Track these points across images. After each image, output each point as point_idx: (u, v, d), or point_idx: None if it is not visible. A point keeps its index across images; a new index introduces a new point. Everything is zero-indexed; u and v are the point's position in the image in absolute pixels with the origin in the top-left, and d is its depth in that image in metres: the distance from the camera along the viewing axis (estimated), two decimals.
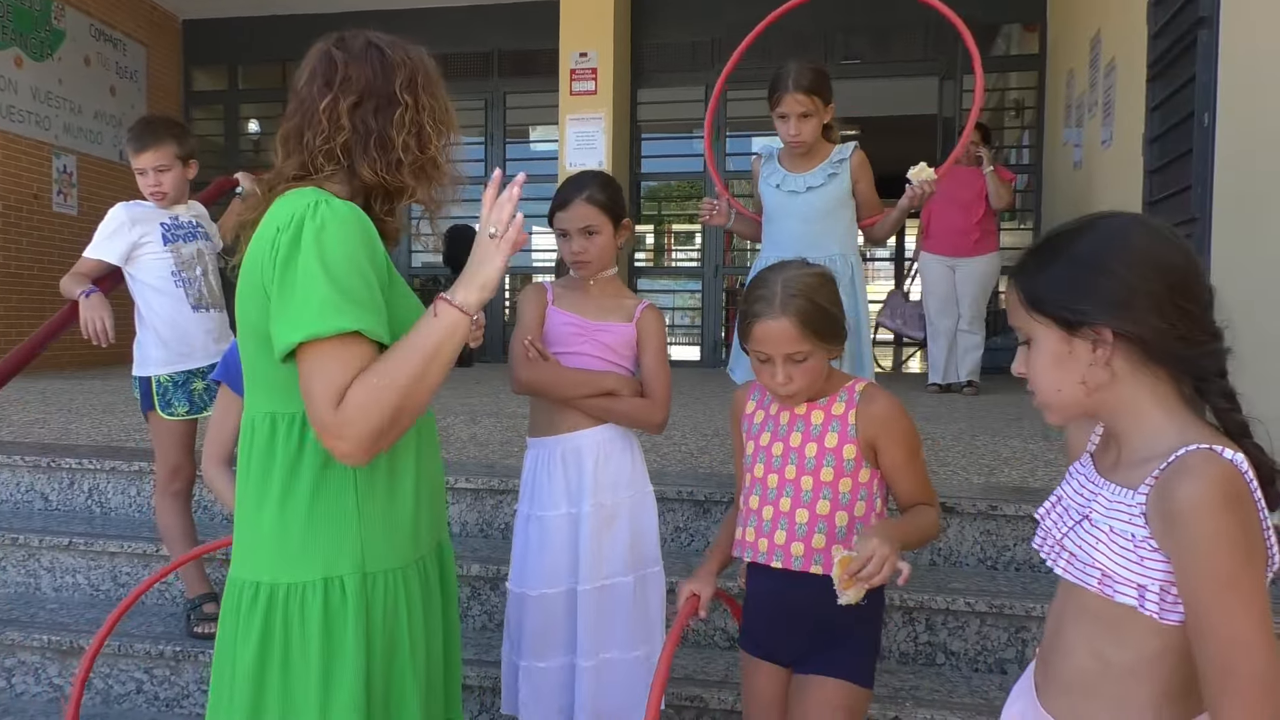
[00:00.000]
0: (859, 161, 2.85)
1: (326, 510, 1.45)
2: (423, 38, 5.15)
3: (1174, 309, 1.13)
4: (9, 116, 7.20)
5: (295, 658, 1.42)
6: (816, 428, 1.83)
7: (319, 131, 1.47)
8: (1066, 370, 1.19)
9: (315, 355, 1.35)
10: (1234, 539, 1.06)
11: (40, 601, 3.26)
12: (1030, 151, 8.24)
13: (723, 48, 8.32)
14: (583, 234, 2.26)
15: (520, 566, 2.31)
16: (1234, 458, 1.09)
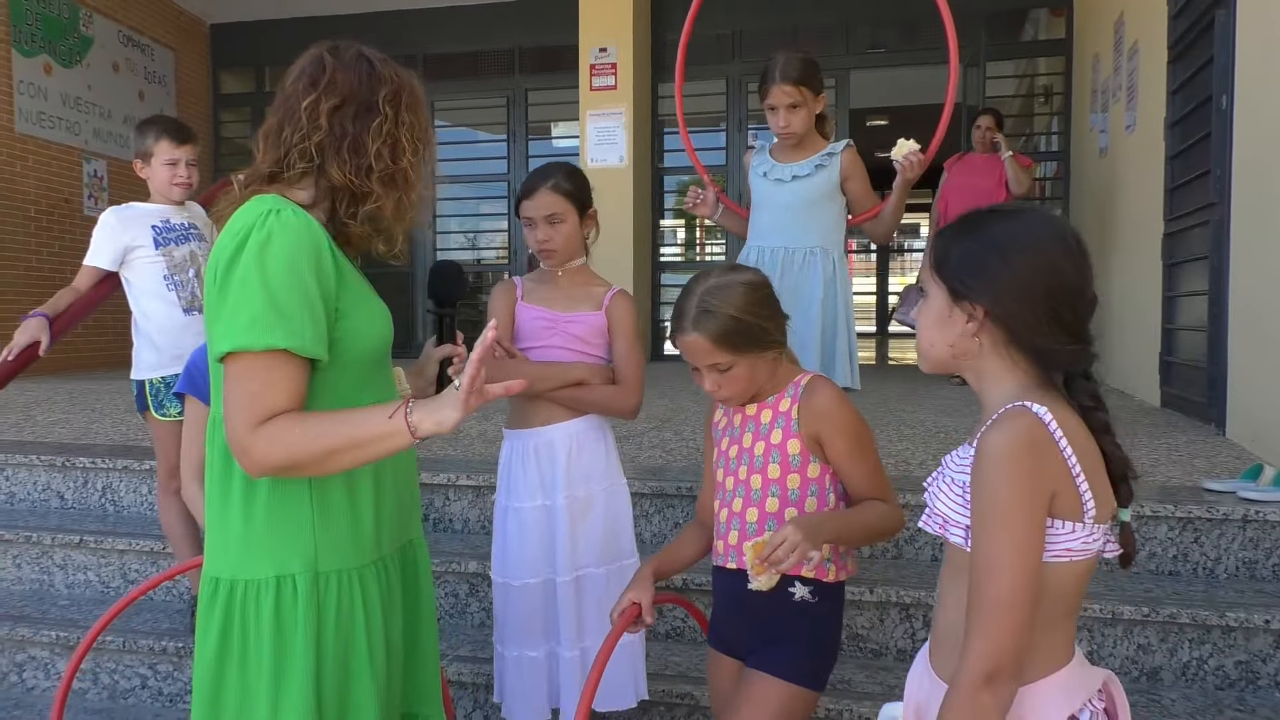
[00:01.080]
0: (850, 159, 2.80)
1: (282, 511, 1.47)
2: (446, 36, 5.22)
3: (1047, 311, 1.23)
4: (40, 123, 7.35)
5: (250, 652, 1.45)
6: (765, 426, 1.82)
7: (297, 128, 1.48)
8: (942, 331, 1.31)
9: (240, 367, 1.37)
10: (1011, 479, 1.17)
11: (53, 598, 3.32)
12: (1058, 138, 8.10)
13: (744, 40, 8.28)
14: (547, 222, 2.26)
15: (501, 557, 2.33)
16: (1039, 410, 1.20)
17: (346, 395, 1.50)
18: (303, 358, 1.39)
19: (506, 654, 2.31)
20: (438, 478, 3.33)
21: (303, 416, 1.38)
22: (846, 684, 2.58)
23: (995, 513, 1.17)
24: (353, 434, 1.38)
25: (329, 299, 1.43)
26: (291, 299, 1.37)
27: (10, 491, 3.78)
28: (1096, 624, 2.59)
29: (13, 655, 3.06)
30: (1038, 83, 8.93)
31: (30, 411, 5.08)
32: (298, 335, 1.37)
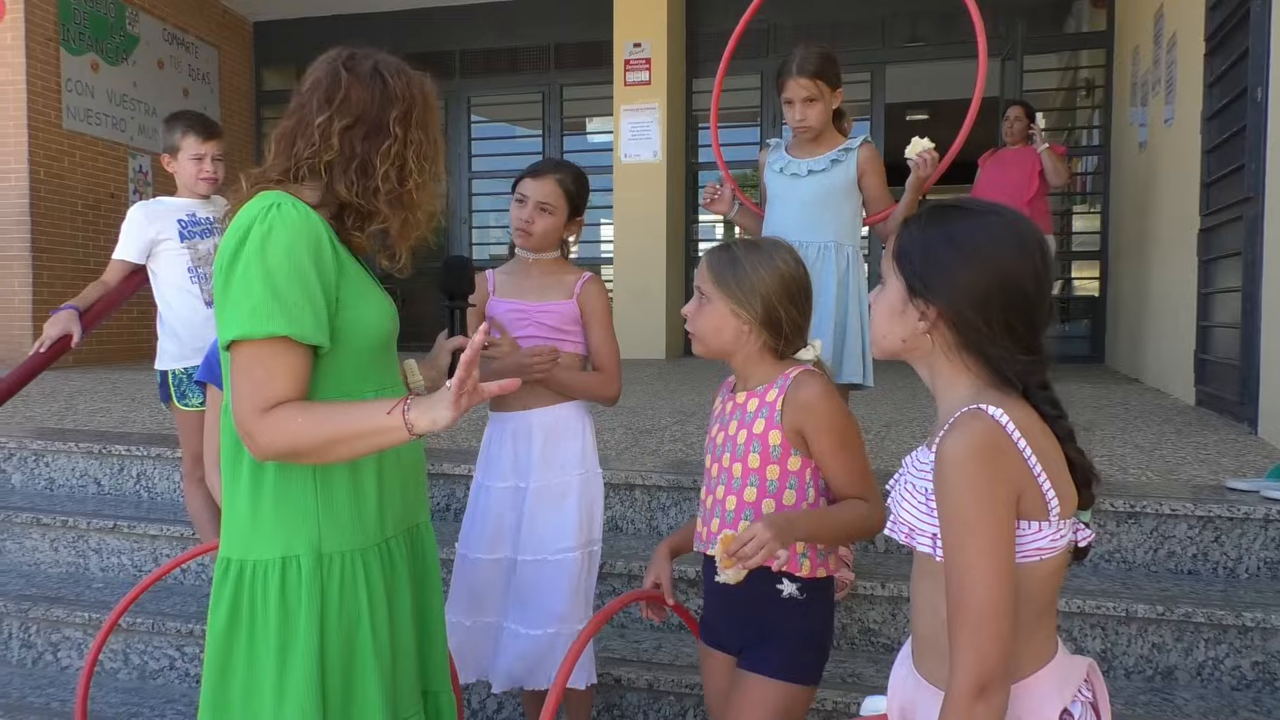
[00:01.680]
0: (867, 154, 2.79)
1: (287, 494, 1.52)
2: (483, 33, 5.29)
3: (999, 320, 1.22)
4: (87, 119, 7.54)
5: (258, 629, 1.51)
6: (750, 415, 1.81)
7: (309, 143, 1.53)
8: (896, 323, 1.30)
9: (244, 355, 1.43)
10: (974, 484, 1.15)
11: (88, 580, 3.42)
12: (1099, 132, 7.97)
13: (780, 34, 8.25)
14: (538, 207, 2.31)
15: (468, 531, 2.40)
16: (995, 413, 1.18)
17: (348, 383, 1.54)
18: (304, 345, 1.44)
19: (453, 621, 2.32)
20: (459, 469, 3.38)
21: (305, 406, 1.43)
22: (856, 677, 2.58)
23: (962, 521, 1.16)
24: (352, 426, 1.43)
25: (329, 289, 1.48)
26: (292, 288, 1.42)
27: (50, 478, 3.90)
28: (1110, 621, 2.57)
29: (48, 635, 3.16)
30: (1079, 75, 8.81)
31: (72, 400, 5.23)
32: (298, 323, 1.42)
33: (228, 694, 1.51)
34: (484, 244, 9.54)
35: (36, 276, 7.06)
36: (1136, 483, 3.10)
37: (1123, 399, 5.26)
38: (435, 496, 3.44)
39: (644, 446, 3.77)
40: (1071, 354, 8.04)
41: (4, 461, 3.97)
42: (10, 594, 3.25)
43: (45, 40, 7.16)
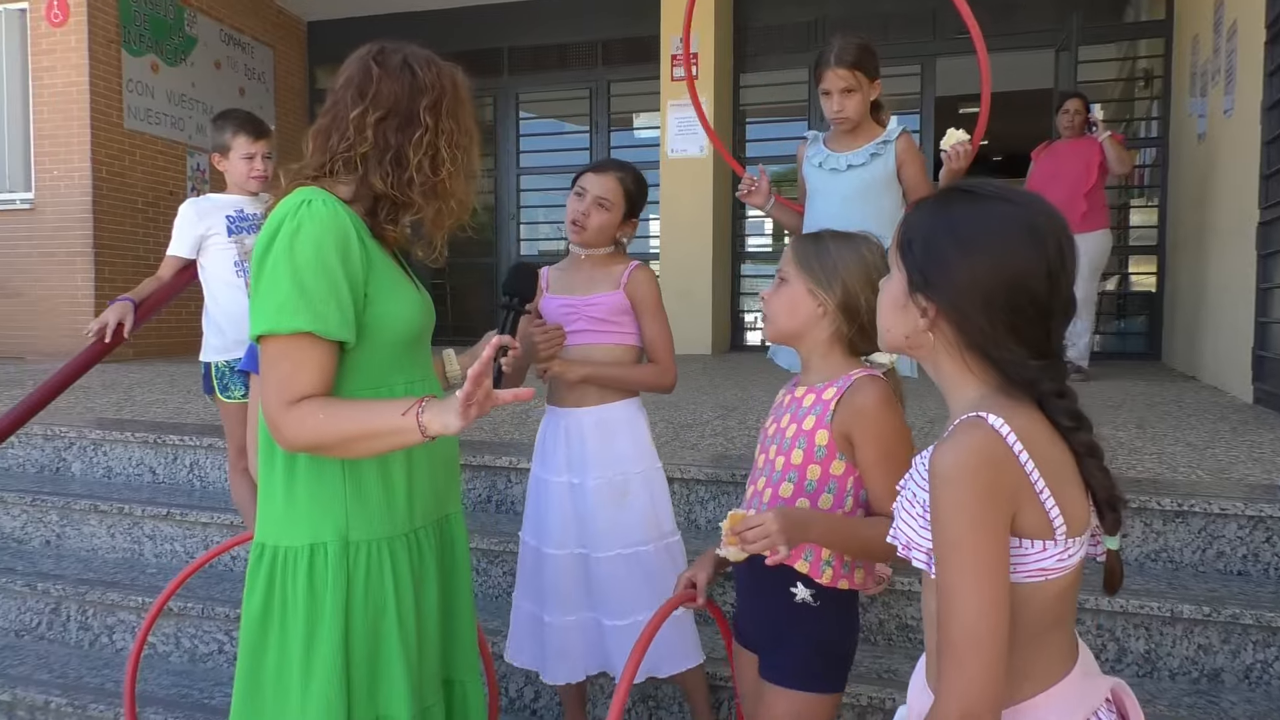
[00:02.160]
0: (905, 144, 2.77)
1: (317, 483, 1.56)
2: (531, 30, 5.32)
3: (1004, 321, 1.12)
4: (147, 119, 7.73)
5: (289, 614, 1.55)
6: (803, 410, 1.76)
7: (344, 137, 1.57)
8: (898, 318, 1.23)
9: (271, 349, 1.48)
10: (965, 503, 1.08)
11: (142, 566, 3.52)
12: (1158, 124, 7.79)
13: (828, 27, 8.19)
14: (596, 202, 2.32)
15: (535, 522, 2.42)
16: (995, 422, 1.10)
17: (378, 376, 1.57)
18: (330, 340, 1.48)
19: (553, 619, 2.37)
20: (500, 460, 3.42)
21: (327, 402, 1.47)
22: (893, 674, 2.57)
23: (950, 541, 1.09)
24: (368, 425, 1.46)
25: (356, 285, 1.51)
26: (318, 284, 1.45)
27: (108, 466, 4.02)
28: (1155, 622, 2.53)
29: (104, 618, 3.26)
30: (1138, 65, 8.61)
31: (131, 392, 5.38)
32: (322, 319, 1.45)
33: (261, 677, 1.55)
34: (532, 240, 9.61)
35: (99, 272, 7.26)
36: (1186, 481, 3.04)
37: (1177, 396, 5.15)
38: (476, 488, 3.48)
39: (684, 440, 3.78)
40: (1127, 351, 7.88)
41: (65, 450, 4.09)
42: (69, 578, 3.36)
43: (107, 42, 7.35)
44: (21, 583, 3.33)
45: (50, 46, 7.28)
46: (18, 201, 7.47)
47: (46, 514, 3.71)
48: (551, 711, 2.79)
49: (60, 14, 7.24)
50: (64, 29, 7.24)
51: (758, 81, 8.42)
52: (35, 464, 4.15)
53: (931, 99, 8.01)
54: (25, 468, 4.16)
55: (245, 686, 1.57)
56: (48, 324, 7.27)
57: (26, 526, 3.75)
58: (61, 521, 3.70)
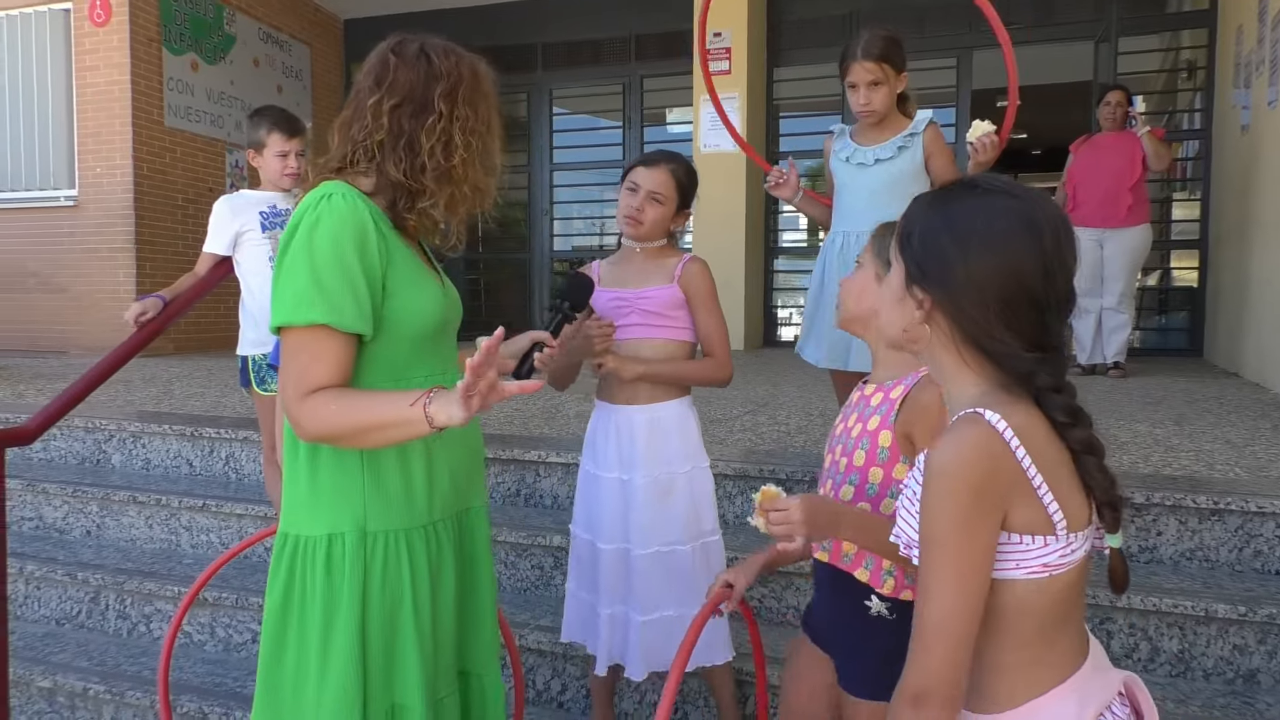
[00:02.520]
0: (933, 135, 2.74)
1: (337, 474, 1.58)
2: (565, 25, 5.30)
3: (998, 313, 1.12)
4: (186, 117, 7.85)
5: (308, 602, 1.57)
6: (870, 408, 1.69)
7: (363, 126, 1.59)
8: (896, 310, 1.23)
9: (290, 340, 1.51)
10: (951, 497, 1.08)
11: (179, 557, 3.58)
12: (1200, 116, 7.64)
13: (862, 20, 8.12)
14: (649, 196, 2.31)
15: (586, 516, 2.43)
16: (992, 418, 1.10)
17: (397, 369, 1.59)
18: (346, 333, 1.49)
19: (600, 609, 2.38)
20: (530, 454, 3.43)
21: (340, 393, 1.48)
22: None
23: (933, 533, 1.10)
24: (378, 416, 1.47)
25: (374, 278, 1.52)
26: (334, 277, 1.47)
27: (147, 458, 4.09)
28: (1188, 621, 2.49)
29: (141, 608, 3.32)
30: (1180, 57, 8.45)
31: (170, 385, 5.47)
32: (337, 311, 1.47)
33: (282, 663, 1.58)
34: (565, 235, 9.63)
35: (140, 268, 7.39)
36: (1223, 479, 2.98)
37: (1218, 393, 5.05)
38: (505, 481, 3.50)
39: (713, 435, 3.77)
40: (1169, 347, 7.74)
41: (105, 443, 4.18)
42: (108, 568, 3.42)
43: (148, 41, 7.47)
44: (63, 572, 3.40)
45: (93, 46, 7.41)
46: (62, 199, 7.62)
47: (87, 505, 3.79)
48: (578, 704, 2.80)
49: (103, 14, 7.37)
50: (106, 29, 7.36)
51: (791, 75, 8.37)
52: (77, 456, 4.23)
53: (968, 92, 7.92)
54: (67, 459, 4.25)
55: (267, 672, 1.59)
56: (90, 319, 7.41)
57: (68, 517, 3.83)
58: (101, 512, 3.77)
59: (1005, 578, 1.12)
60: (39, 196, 7.71)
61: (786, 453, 3.48)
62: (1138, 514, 2.80)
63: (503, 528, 3.13)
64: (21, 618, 3.47)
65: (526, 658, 2.82)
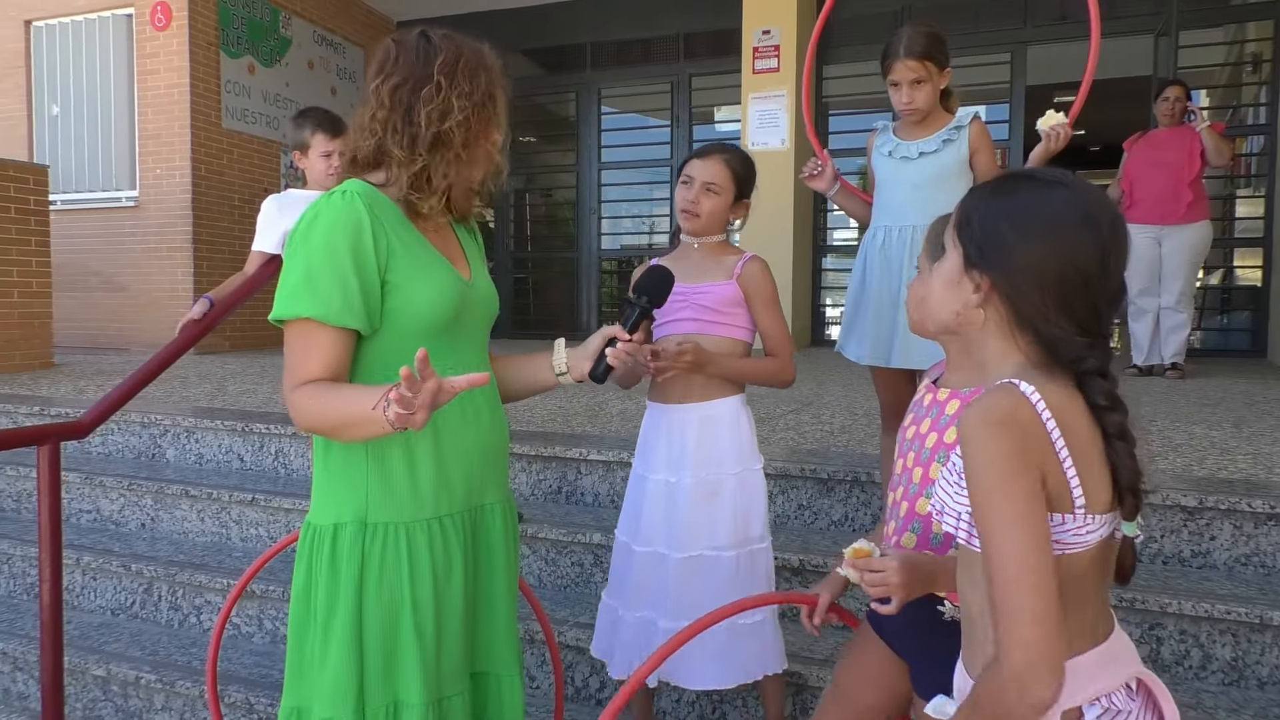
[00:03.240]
0: (978, 130, 2.70)
1: (344, 464, 1.62)
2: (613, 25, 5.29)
3: (1057, 297, 1.16)
4: (243, 118, 8.01)
5: (317, 589, 1.61)
6: (946, 417, 1.60)
7: (369, 110, 1.62)
8: (951, 294, 1.26)
9: (286, 334, 1.56)
10: (992, 459, 1.09)
11: (229, 550, 3.65)
12: (1265, 110, 7.43)
13: (913, 16, 8.02)
14: (704, 187, 2.28)
15: (630, 520, 2.38)
16: (1027, 389, 1.12)
17: (404, 362, 1.54)
18: (336, 327, 1.52)
19: (624, 614, 2.34)
20: (570, 452, 3.45)
21: (320, 388, 1.51)
22: None
23: (986, 490, 1.09)
24: (346, 413, 1.49)
25: (368, 273, 1.53)
26: (324, 273, 1.51)
27: (199, 453, 4.18)
28: (1242, 628, 2.42)
29: (192, 599, 3.40)
30: (1245, 50, 8.22)
31: (224, 382, 5.58)
32: (324, 304, 1.50)
33: (301, 651, 1.62)
34: (614, 234, 9.65)
35: (197, 267, 7.55)
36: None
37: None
38: (547, 479, 3.52)
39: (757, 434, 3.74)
40: (1230, 347, 7.54)
41: (160, 437, 4.28)
42: (161, 560, 3.51)
43: (207, 45, 7.64)
44: (118, 563, 3.49)
45: (154, 50, 7.59)
46: (124, 199, 7.82)
47: (142, 498, 3.88)
48: None
49: (164, 18, 7.55)
50: (167, 33, 7.54)
51: (841, 73, 8.30)
52: (134, 450, 4.34)
53: (1022, 88, 7.78)
54: (124, 454, 4.36)
55: (291, 654, 1.64)
56: (149, 317, 7.60)
57: (124, 510, 3.92)
58: (155, 505, 3.86)
59: None
60: (102, 197, 7.92)
61: (829, 452, 3.45)
62: (1190, 518, 2.73)
63: (543, 525, 3.15)
64: (78, 608, 3.57)
65: (566, 655, 2.83)
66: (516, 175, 9.67)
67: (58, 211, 7.64)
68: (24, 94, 8.15)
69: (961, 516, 1.18)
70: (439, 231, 1.71)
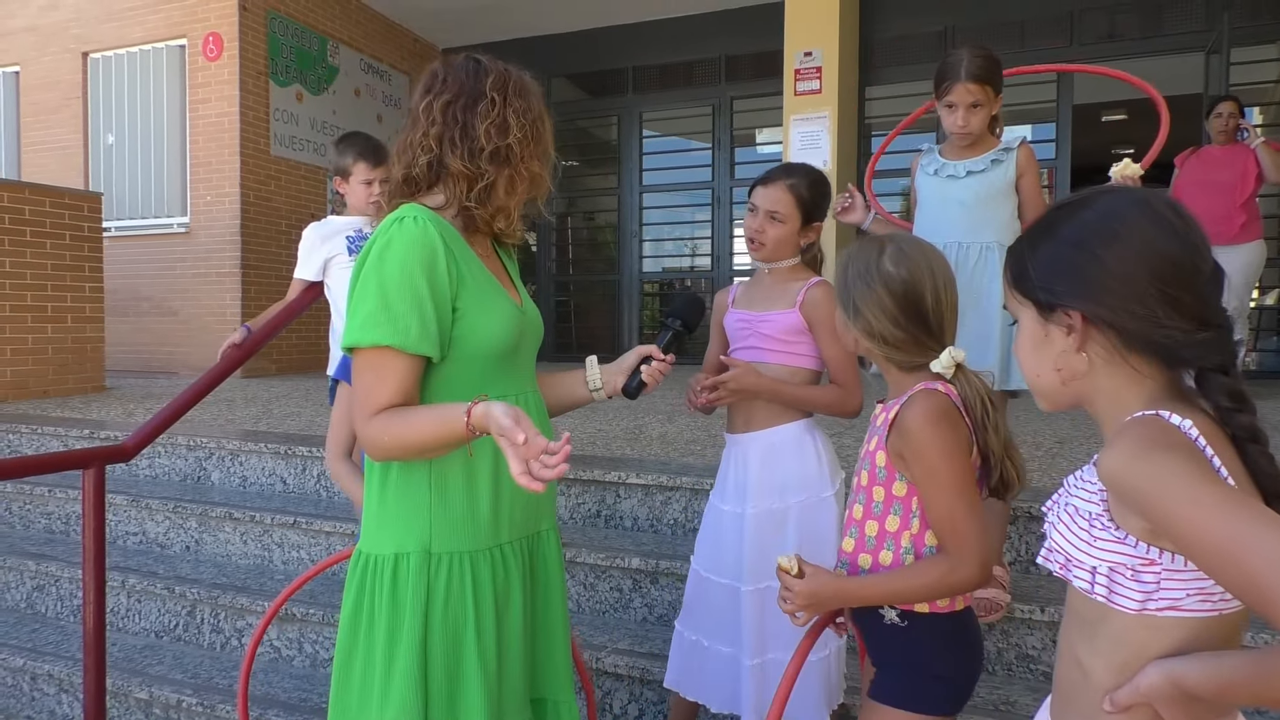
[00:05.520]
0: (1026, 154, 2.65)
1: (404, 493, 1.60)
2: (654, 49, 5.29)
3: (1158, 296, 1.04)
4: (291, 145, 8.15)
5: (376, 621, 1.58)
6: (875, 429, 1.68)
7: (418, 129, 1.63)
8: (1043, 355, 1.14)
9: (359, 361, 1.54)
10: (1178, 463, 0.96)
11: (270, 572, 3.68)
12: None
13: (957, 36, 7.97)
14: (768, 215, 2.24)
15: (707, 551, 2.35)
16: (1175, 419, 1.00)
17: (469, 389, 1.59)
18: (411, 354, 1.51)
19: (708, 645, 2.29)
20: (610, 475, 3.42)
21: (399, 413, 1.50)
22: (1011, 705, 2.45)
23: (1187, 504, 0.93)
24: (423, 431, 1.49)
25: (443, 300, 1.54)
26: (402, 299, 1.49)
27: (243, 476, 4.23)
28: None
29: (234, 622, 3.42)
30: None
31: (270, 405, 5.65)
32: (402, 333, 1.49)
33: (349, 683, 1.59)
34: (656, 256, 9.66)
35: (245, 291, 7.68)
36: None
37: None
38: (586, 503, 3.50)
39: None
40: (1274, 369, 7.34)
41: (205, 460, 4.33)
42: (204, 582, 3.54)
43: (256, 74, 7.79)
44: (162, 585, 3.53)
45: (205, 80, 7.77)
46: (175, 225, 7.98)
47: (187, 520, 3.92)
48: None
49: (215, 49, 7.72)
50: (218, 63, 7.71)
51: (884, 94, 8.26)
52: (179, 473, 4.40)
53: (1069, 107, 7.68)
54: (170, 476, 4.42)
55: (337, 686, 1.62)
56: (198, 341, 7.73)
57: (169, 532, 3.97)
58: (200, 528, 3.90)
59: (1180, 615, 1.02)
60: (154, 224, 8.10)
61: None
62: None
63: (581, 549, 3.13)
64: (123, 629, 3.61)
65: (603, 681, 2.80)
66: (558, 199, 9.72)
67: (111, 238, 7.83)
68: (80, 124, 8.37)
69: (1097, 572, 1.06)
70: (489, 257, 1.71)
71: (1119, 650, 1.06)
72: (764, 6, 8.30)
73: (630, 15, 9.01)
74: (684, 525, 3.34)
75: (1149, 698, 1.02)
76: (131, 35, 8.10)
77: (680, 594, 2.98)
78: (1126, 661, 1.05)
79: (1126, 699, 1.03)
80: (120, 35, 8.15)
